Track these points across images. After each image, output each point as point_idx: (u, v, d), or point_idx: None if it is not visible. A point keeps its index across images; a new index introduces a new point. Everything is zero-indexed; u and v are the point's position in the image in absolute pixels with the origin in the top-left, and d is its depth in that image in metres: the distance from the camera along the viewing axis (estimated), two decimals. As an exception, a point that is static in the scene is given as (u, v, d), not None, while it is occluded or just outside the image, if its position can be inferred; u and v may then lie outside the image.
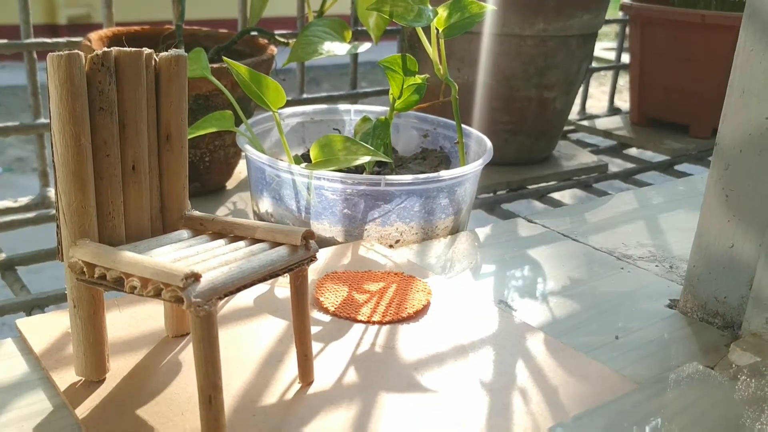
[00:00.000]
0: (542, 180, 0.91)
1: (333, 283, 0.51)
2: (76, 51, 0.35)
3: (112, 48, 0.37)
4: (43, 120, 0.77)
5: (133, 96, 0.38)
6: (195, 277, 0.32)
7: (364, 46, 0.68)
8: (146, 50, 0.38)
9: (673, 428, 0.38)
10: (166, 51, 0.39)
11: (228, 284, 0.34)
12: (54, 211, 0.73)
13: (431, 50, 0.64)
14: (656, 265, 0.59)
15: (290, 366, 0.42)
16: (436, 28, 0.62)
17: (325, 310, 0.48)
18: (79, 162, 0.36)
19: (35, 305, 0.59)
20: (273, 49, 0.78)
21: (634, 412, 0.39)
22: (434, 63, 0.64)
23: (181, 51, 0.40)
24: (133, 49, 0.37)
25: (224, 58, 0.60)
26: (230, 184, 0.79)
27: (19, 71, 0.88)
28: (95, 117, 0.36)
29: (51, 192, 0.78)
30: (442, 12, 0.61)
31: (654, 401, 0.40)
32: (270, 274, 0.36)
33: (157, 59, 0.39)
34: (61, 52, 0.34)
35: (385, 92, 0.90)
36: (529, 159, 0.92)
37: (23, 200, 0.77)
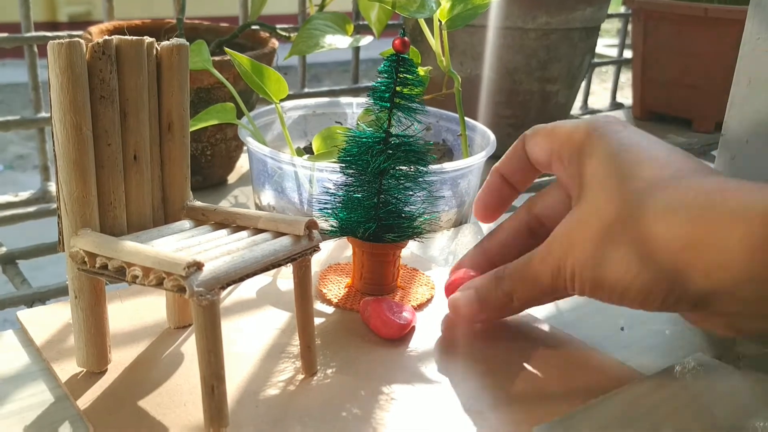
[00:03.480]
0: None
1: (336, 275, 0.51)
2: (76, 39, 0.35)
3: (113, 36, 0.37)
4: (43, 114, 0.76)
5: (134, 85, 0.37)
6: (197, 266, 0.32)
7: (366, 40, 0.68)
8: (147, 39, 0.38)
9: (680, 419, 0.38)
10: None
11: (230, 273, 0.33)
12: (55, 205, 0.73)
13: (434, 42, 0.63)
14: (661, 258, 0.59)
15: (293, 357, 0.41)
16: (439, 20, 0.62)
17: (329, 302, 0.48)
18: (80, 151, 0.35)
19: (36, 299, 0.58)
20: (274, 42, 0.77)
21: (640, 403, 0.39)
22: (437, 55, 0.64)
23: (183, 40, 0.39)
24: (135, 37, 0.37)
25: (225, 48, 0.60)
26: (232, 178, 0.78)
27: (20, 68, 0.87)
28: (96, 106, 0.36)
29: (52, 186, 0.78)
30: (445, 3, 0.61)
31: (660, 392, 0.40)
32: (273, 263, 0.36)
33: (159, 48, 0.39)
34: (61, 40, 0.34)
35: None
36: (531, 153, 0.91)
37: (24, 195, 0.76)
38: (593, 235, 0.36)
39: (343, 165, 0.47)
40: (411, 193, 0.47)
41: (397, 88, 0.45)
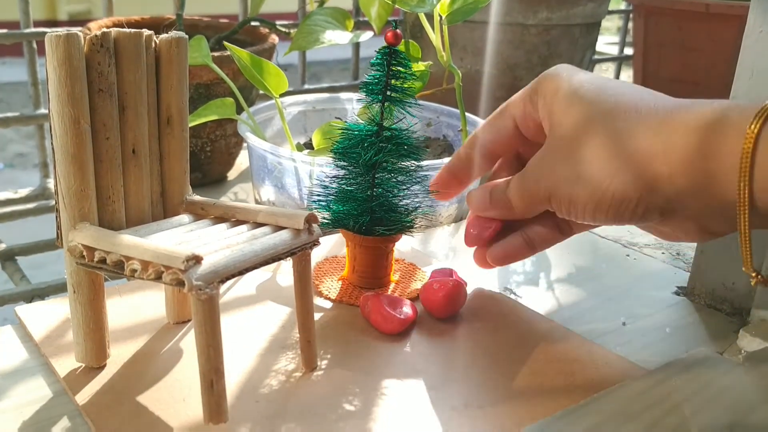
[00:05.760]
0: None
1: (330, 268, 0.51)
2: (75, 32, 0.34)
3: (111, 29, 0.36)
4: (42, 110, 0.76)
5: (132, 78, 0.37)
6: (196, 259, 0.32)
7: (366, 35, 0.68)
8: (146, 31, 0.38)
9: (681, 414, 0.38)
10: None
11: (230, 267, 0.33)
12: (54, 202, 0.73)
13: (434, 37, 0.63)
14: (662, 252, 0.59)
15: (293, 352, 0.41)
16: (440, 15, 0.61)
17: (323, 295, 0.47)
18: (79, 145, 0.35)
19: (35, 295, 0.58)
20: (274, 38, 0.77)
21: (641, 398, 0.39)
22: (437, 50, 0.63)
23: (182, 33, 0.39)
24: (133, 30, 0.37)
25: (225, 43, 0.59)
26: (231, 174, 0.78)
27: (21, 67, 0.87)
28: (94, 99, 0.36)
29: (51, 183, 0.78)
30: (445, -2, 0.61)
31: (662, 387, 0.40)
32: (272, 257, 0.36)
33: (157, 41, 0.39)
34: (59, 33, 0.34)
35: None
36: (532, 149, 0.91)
37: (23, 191, 0.76)
38: (564, 156, 0.40)
39: (336, 157, 0.46)
40: (404, 186, 0.47)
41: (390, 81, 0.45)
